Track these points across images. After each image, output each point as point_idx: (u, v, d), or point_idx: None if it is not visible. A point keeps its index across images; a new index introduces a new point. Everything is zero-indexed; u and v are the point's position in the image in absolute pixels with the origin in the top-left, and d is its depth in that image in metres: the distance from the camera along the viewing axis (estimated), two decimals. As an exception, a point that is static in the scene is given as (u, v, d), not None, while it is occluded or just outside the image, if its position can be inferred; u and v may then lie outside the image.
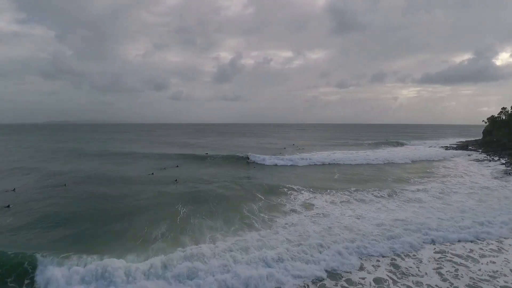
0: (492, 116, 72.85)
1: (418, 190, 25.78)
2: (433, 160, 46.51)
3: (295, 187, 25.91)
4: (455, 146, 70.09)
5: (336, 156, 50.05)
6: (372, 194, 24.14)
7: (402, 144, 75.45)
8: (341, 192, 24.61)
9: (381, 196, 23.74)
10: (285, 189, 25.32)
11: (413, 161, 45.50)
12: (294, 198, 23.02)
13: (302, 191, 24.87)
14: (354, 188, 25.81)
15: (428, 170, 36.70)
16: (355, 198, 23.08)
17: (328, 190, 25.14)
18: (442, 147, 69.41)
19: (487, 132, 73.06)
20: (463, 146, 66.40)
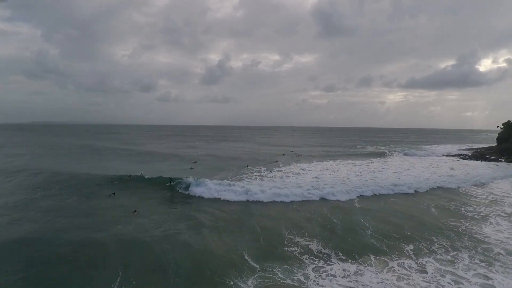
0: (508, 121, 65.69)
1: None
2: (457, 185, 31.50)
3: (301, 241, 15.35)
4: (469, 154, 62.46)
5: (344, 171, 40.87)
6: (457, 258, 14.08)
7: (408, 153, 66.03)
8: (397, 258, 13.93)
9: (479, 268, 13.23)
10: (286, 248, 14.80)
11: (463, 185, 31.52)
12: (315, 271, 12.56)
13: (322, 256, 14.07)
14: (410, 246, 15.33)
15: (480, 199, 26.83)
16: (441, 277, 12.45)
17: (368, 255, 14.19)
18: (456, 155, 61.51)
19: (502, 139, 65.82)
20: (481, 155, 58.67)
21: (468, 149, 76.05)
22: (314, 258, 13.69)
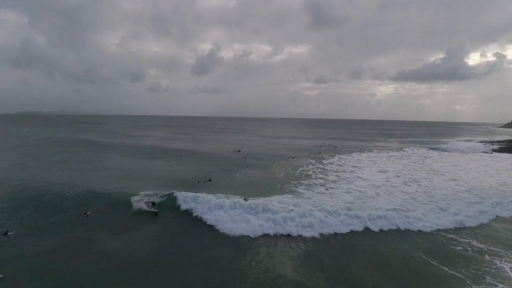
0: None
1: None
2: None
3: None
4: (497, 148, 62.16)
5: (398, 163, 39.93)
6: None
7: (437, 148, 62.71)
8: None
9: None
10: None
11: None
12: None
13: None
14: None
15: None
16: None
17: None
18: (491, 148, 60.49)
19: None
20: (510, 148, 58.69)
21: (486, 142, 76.06)
22: None
